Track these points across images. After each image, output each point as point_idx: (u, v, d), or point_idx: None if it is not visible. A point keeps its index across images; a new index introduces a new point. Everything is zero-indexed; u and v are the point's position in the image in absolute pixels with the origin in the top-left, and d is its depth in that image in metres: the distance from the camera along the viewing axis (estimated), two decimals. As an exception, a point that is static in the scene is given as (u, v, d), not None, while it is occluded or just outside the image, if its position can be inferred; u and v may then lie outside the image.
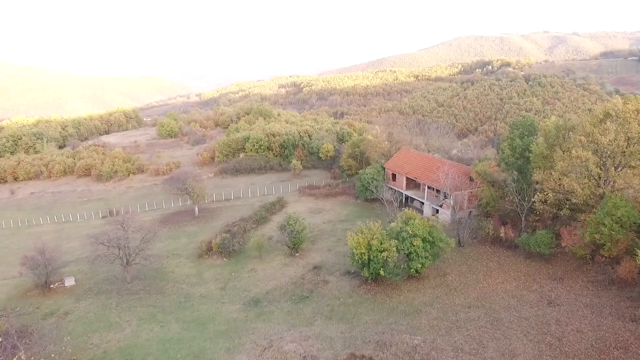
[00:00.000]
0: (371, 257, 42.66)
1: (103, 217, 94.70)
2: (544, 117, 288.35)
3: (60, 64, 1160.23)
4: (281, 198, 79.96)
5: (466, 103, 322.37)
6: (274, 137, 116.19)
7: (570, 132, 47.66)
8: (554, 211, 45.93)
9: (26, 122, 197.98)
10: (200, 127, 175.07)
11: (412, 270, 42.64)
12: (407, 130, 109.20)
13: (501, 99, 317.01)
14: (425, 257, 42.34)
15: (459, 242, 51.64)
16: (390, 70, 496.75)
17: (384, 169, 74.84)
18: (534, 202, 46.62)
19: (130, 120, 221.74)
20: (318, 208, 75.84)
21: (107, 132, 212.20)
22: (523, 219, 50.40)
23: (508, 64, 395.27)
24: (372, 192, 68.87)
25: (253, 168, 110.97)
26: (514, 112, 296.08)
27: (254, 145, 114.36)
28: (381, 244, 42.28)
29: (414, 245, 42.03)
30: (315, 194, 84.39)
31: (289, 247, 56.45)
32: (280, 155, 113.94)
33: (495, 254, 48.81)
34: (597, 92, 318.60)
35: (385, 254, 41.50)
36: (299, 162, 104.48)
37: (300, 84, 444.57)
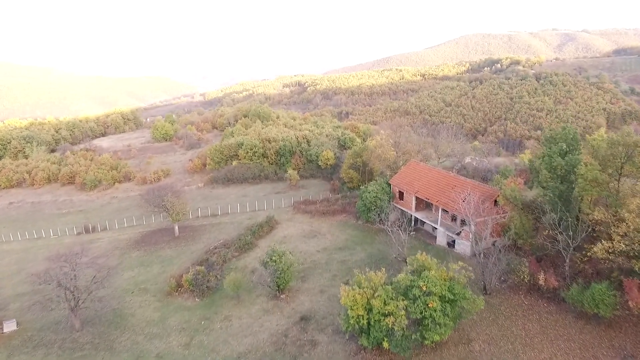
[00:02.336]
0: (371, 322, 31.50)
1: (78, 233, 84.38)
2: (556, 118, 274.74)
3: (66, 64, 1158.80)
4: (271, 218, 68.66)
5: (475, 102, 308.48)
6: (270, 143, 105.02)
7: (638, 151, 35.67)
8: (621, 260, 34.10)
9: (18, 124, 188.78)
10: (197, 130, 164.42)
11: (426, 341, 31.30)
12: (415, 133, 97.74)
13: (511, 98, 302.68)
14: (444, 325, 30.97)
15: (484, 287, 40.23)
16: (396, 69, 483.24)
17: (389, 185, 63.36)
18: (592, 248, 34.79)
19: (127, 122, 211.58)
20: (313, 231, 64.47)
21: (103, 135, 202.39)
22: (567, 260, 38.87)
23: (517, 62, 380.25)
24: (376, 215, 57.49)
25: (246, 177, 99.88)
26: (525, 112, 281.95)
27: (247, 152, 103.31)
28: (385, 304, 31.06)
29: (429, 307, 30.76)
30: (311, 210, 73.08)
31: (271, 287, 45.41)
32: (276, 163, 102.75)
33: (533, 309, 37.19)
34: (611, 90, 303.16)
35: (390, 319, 30.31)
36: (296, 172, 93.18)
37: (304, 83, 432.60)
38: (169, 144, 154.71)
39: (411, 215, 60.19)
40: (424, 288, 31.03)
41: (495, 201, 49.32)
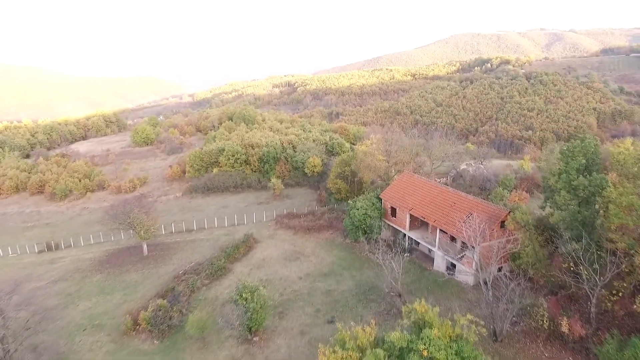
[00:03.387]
0: (359, 397, 24.35)
1: (39, 251, 75.99)
2: (547, 117, 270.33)
3: (56, 65, 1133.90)
4: (249, 236, 60.99)
5: (465, 102, 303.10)
6: (253, 149, 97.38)
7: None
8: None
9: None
10: (180, 133, 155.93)
11: None
12: (407, 136, 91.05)
13: (502, 98, 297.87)
14: (451, 401, 23.93)
15: (494, 333, 33.30)
16: (387, 69, 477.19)
17: (379, 199, 56.26)
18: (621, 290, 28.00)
19: (110, 125, 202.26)
20: (295, 251, 57.06)
21: (84, 138, 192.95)
22: (594, 300, 32.12)
23: (507, 62, 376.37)
24: (366, 234, 50.37)
25: (227, 186, 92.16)
26: (516, 112, 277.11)
27: (229, 159, 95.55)
28: (375, 374, 23.95)
29: (432, 379, 23.74)
30: (295, 226, 65.64)
31: (241, 331, 37.96)
32: (259, 170, 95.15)
33: (556, 365, 30.37)
34: (601, 90, 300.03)
35: (382, 395, 23.22)
36: (280, 181, 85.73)
37: (294, 83, 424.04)
38: (150, 149, 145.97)
39: (405, 235, 53.19)
40: (425, 353, 23.99)
41: (503, 223, 42.42)
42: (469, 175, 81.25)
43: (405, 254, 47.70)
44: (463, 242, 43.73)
